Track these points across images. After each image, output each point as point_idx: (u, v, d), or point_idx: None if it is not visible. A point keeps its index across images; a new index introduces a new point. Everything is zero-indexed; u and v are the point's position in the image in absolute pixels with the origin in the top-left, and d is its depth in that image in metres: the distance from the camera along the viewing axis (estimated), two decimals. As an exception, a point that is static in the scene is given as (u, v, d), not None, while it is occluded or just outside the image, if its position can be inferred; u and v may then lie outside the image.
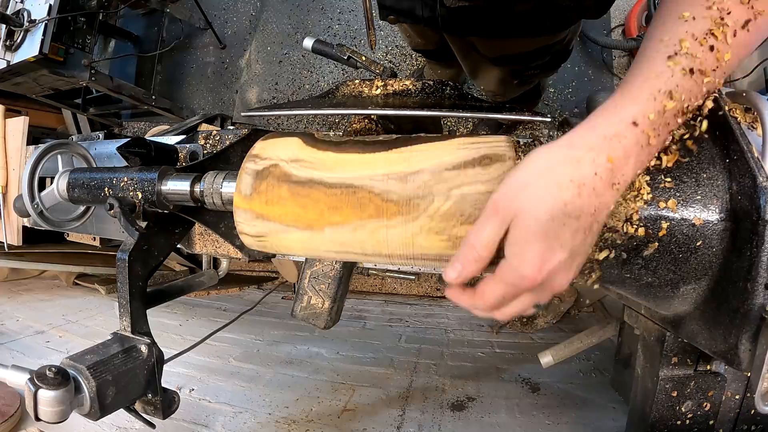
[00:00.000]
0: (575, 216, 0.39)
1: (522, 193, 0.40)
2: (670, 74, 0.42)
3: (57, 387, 0.52)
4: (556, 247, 0.40)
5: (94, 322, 1.66)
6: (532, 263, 0.40)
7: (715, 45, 0.42)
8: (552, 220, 0.39)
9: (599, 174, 0.40)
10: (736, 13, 0.42)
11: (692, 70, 0.42)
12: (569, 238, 0.40)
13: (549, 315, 1.72)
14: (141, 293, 0.68)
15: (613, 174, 0.41)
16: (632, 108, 0.41)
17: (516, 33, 0.88)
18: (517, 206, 0.40)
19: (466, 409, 1.15)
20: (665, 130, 0.43)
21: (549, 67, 1.10)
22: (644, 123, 0.41)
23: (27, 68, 1.75)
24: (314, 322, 0.81)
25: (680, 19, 0.43)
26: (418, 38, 1.33)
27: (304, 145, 0.55)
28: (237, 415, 1.11)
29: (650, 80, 0.42)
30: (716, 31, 0.42)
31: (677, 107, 0.42)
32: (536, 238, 0.39)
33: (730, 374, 0.69)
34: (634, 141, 0.41)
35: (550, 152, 0.42)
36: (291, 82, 2.27)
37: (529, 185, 0.40)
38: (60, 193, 0.77)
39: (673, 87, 0.41)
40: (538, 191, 0.40)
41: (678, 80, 0.42)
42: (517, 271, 0.41)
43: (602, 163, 0.40)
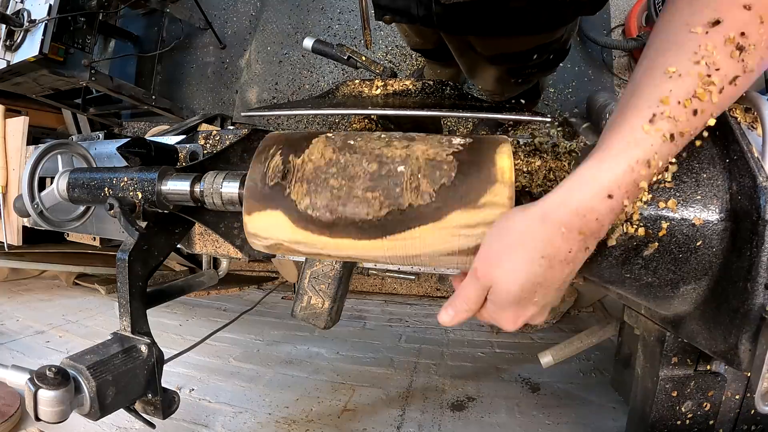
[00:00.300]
0: (546, 285, 0.44)
1: (497, 265, 0.45)
2: (649, 142, 0.40)
3: (57, 387, 0.52)
4: (529, 306, 0.46)
5: (94, 322, 1.67)
6: (507, 321, 0.47)
7: (699, 107, 0.40)
8: (523, 291, 0.44)
9: (571, 247, 0.42)
10: (725, 68, 0.40)
11: (672, 136, 0.40)
12: (541, 298, 0.45)
13: (549, 315, 1.72)
14: (141, 293, 0.68)
15: (586, 242, 0.42)
16: (608, 177, 0.41)
17: (512, 31, 0.88)
18: (492, 277, 0.45)
19: (466, 409, 1.15)
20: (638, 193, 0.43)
21: (547, 67, 1.10)
22: (619, 194, 0.41)
23: (27, 68, 1.75)
24: (314, 322, 0.81)
25: (665, 74, 0.41)
26: (417, 37, 1.33)
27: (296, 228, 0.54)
28: (237, 415, 1.11)
29: (629, 150, 0.40)
30: (702, 93, 0.40)
31: (653, 173, 0.41)
32: (509, 305, 0.45)
33: (730, 374, 0.69)
34: (607, 210, 0.41)
35: (523, 224, 0.43)
36: (291, 82, 2.27)
37: (502, 258, 0.44)
38: (60, 193, 0.77)
39: (651, 156, 0.40)
40: (509, 266, 0.44)
41: (657, 148, 0.40)
42: (497, 321, 0.48)
43: (574, 237, 0.41)
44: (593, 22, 1.99)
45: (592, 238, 0.42)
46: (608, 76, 1.98)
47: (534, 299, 0.45)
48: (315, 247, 0.55)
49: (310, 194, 0.53)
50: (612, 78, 1.97)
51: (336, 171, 0.53)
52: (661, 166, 0.41)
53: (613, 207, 0.41)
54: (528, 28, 0.87)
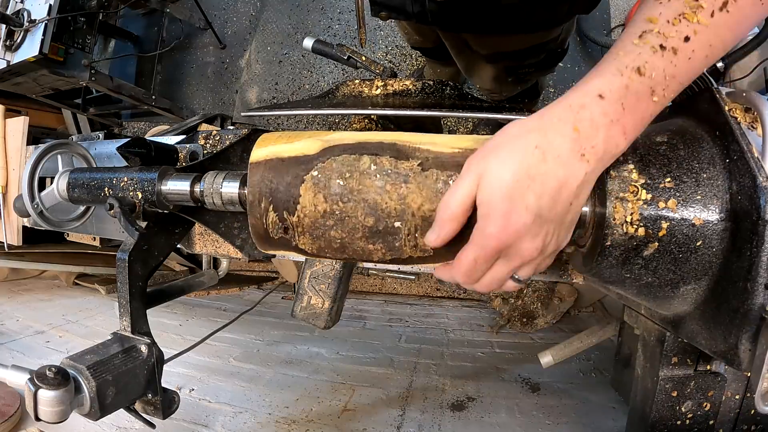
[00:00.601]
0: (540, 181, 0.41)
1: (490, 155, 0.43)
2: (638, 52, 0.42)
3: (57, 387, 0.52)
4: (521, 208, 0.42)
5: (94, 322, 1.67)
6: (495, 221, 0.42)
7: (689, 27, 0.42)
8: (516, 181, 0.41)
9: (564, 142, 0.41)
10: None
11: (663, 47, 0.42)
12: (534, 201, 0.41)
13: (549, 315, 1.73)
14: (141, 293, 0.68)
15: (580, 144, 0.41)
16: (598, 81, 0.42)
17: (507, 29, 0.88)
18: (484, 166, 0.43)
19: (466, 409, 1.15)
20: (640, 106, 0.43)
21: (544, 66, 1.10)
22: (611, 96, 0.41)
23: (27, 68, 1.75)
24: (314, 322, 0.81)
25: (656, 1, 0.44)
26: (416, 35, 1.33)
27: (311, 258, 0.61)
28: (237, 415, 1.11)
29: (618, 58, 0.43)
30: (690, 14, 0.42)
31: (648, 84, 0.42)
32: (500, 198, 0.42)
33: (730, 374, 0.69)
34: (600, 112, 0.41)
35: (522, 122, 0.44)
36: (291, 82, 2.27)
37: (498, 149, 0.43)
38: (60, 193, 0.77)
39: (641, 63, 0.42)
40: (504, 154, 0.43)
41: (647, 57, 0.42)
42: (484, 230, 0.43)
43: (568, 133, 0.41)
44: (593, 22, 1.99)
45: (586, 142, 0.41)
46: (608, 76, 1.98)
47: (527, 200, 0.41)
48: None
49: (316, 241, 0.54)
50: (612, 78, 1.97)
51: (334, 223, 0.52)
52: (655, 77, 0.42)
53: (606, 110, 0.41)
54: (523, 27, 0.87)
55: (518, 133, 0.43)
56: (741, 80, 1.54)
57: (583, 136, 0.41)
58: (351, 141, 0.54)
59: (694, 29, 0.42)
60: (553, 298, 1.73)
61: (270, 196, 0.54)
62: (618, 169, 0.51)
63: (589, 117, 0.41)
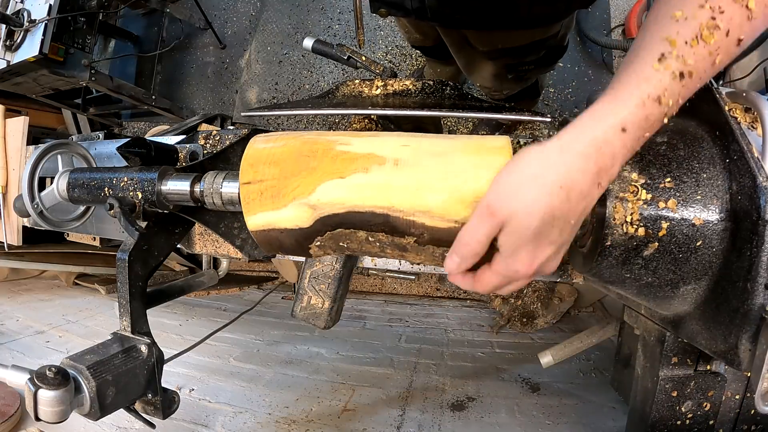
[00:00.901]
0: (563, 218, 0.43)
1: (514, 197, 0.43)
2: (658, 78, 0.42)
3: (57, 387, 0.52)
4: (545, 245, 0.44)
5: (94, 322, 1.67)
6: (523, 261, 0.44)
7: (705, 47, 0.42)
8: (543, 224, 0.42)
9: (586, 178, 0.42)
10: (729, 12, 0.42)
11: (682, 74, 0.42)
12: (557, 236, 0.44)
13: (549, 315, 1.73)
14: (141, 293, 0.68)
15: (600, 176, 0.43)
16: (622, 114, 0.42)
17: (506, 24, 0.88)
18: (509, 210, 0.43)
19: (466, 409, 1.15)
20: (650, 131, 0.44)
21: (544, 63, 1.10)
22: (632, 128, 0.42)
23: (27, 68, 1.75)
24: (314, 322, 0.81)
25: (672, 18, 0.43)
26: (416, 33, 1.33)
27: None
28: (237, 415, 1.11)
29: (640, 85, 0.42)
30: (707, 35, 0.42)
31: (664, 111, 0.43)
32: (528, 240, 0.43)
33: (730, 374, 0.69)
34: (621, 145, 0.42)
35: (541, 156, 0.43)
36: (291, 82, 2.27)
37: (521, 190, 0.43)
38: (60, 193, 0.77)
39: (662, 92, 0.42)
40: (529, 196, 0.42)
41: (667, 84, 0.42)
42: (511, 267, 0.45)
43: (590, 169, 0.42)
44: (593, 22, 1.99)
45: (605, 174, 0.43)
46: (608, 76, 1.98)
47: (551, 236, 0.43)
48: None
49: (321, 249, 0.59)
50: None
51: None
52: (671, 104, 0.42)
53: (626, 143, 0.42)
54: (522, 22, 0.87)
55: (539, 171, 0.43)
56: (741, 80, 1.54)
57: (603, 169, 0.42)
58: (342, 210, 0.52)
59: (709, 51, 0.42)
60: (553, 298, 1.73)
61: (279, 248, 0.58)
62: (618, 169, 0.51)
63: (611, 152, 0.42)
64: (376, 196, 0.50)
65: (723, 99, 0.53)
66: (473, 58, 1.10)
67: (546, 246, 0.44)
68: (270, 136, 0.59)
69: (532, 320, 1.72)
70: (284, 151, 0.55)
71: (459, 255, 0.47)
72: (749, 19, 0.42)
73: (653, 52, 0.43)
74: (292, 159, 0.54)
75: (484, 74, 1.16)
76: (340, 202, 0.51)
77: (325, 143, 0.54)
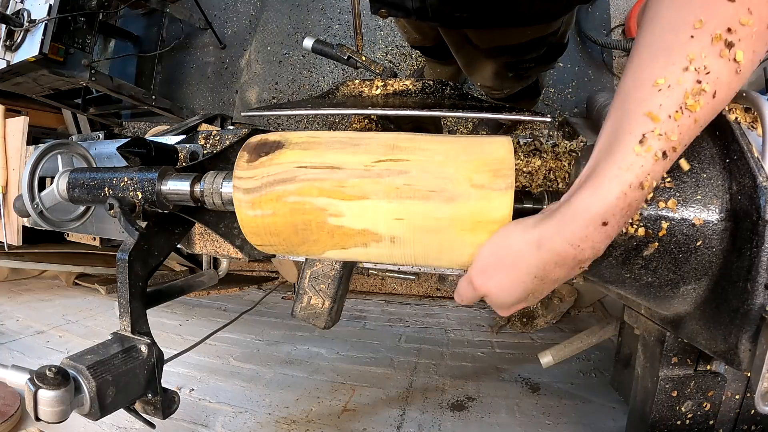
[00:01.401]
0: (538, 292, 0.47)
1: (491, 279, 0.48)
2: (640, 164, 0.39)
3: (57, 387, 0.52)
4: (522, 301, 0.49)
5: (94, 322, 1.67)
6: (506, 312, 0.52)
7: (691, 117, 0.39)
8: (516, 300, 0.48)
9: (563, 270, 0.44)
10: (716, 70, 0.38)
11: (665, 153, 0.39)
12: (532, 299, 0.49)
13: (549, 315, 1.73)
14: (141, 293, 0.68)
15: (581, 264, 0.43)
16: (601, 209, 0.40)
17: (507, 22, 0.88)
18: (487, 289, 0.49)
19: (466, 409, 1.15)
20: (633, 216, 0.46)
21: (544, 61, 1.10)
22: (613, 220, 0.40)
23: (27, 68, 1.75)
24: (314, 322, 0.81)
25: (654, 87, 0.39)
26: (416, 34, 1.33)
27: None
28: (237, 415, 1.11)
29: (621, 175, 0.39)
30: (692, 104, 0.38)
31: (646, 193, 0.41)
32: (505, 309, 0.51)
33: (730, 374, 0.69)
34: (602, 238, 0.41)
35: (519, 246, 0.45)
36: (291, 82, 2.27)
37: (498, 274, 0.48)
38: (60, 193, 0.77)
39: (644, 178, 0.39)
40: (505, 282, 0.47)
41: (649, 168, 0.39)
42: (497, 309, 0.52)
43: (567, 263, 0.43)
44: (593, 22, 1.99)
45: (587, 261, 0.43)
46: (608, 76, 1.98)
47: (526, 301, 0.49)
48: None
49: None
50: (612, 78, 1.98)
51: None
52: (654, 185, 0.41)
53: (609, 233, 0.41)
54: (522, 19, 0.87)
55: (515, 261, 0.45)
56: (741, 80, 1.53)
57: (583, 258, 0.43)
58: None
59: (695, 119, 0.39)
60: (553, 298, 1.73)
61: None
62: (618, 169, 0.51)
63: (590, 246, 0.42)
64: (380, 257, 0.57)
65: (723, 99, 0.53)
66: (473, 56, 1.10)
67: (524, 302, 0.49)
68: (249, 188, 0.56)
69: (532, 320, 1.72)
70: (278, 223, 0.55)
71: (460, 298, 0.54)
72: (737, 72, 0.39)
73: (634, 134, 0.39)
74: (291, 232, 0.56)
75: (484, 73, 1.16)
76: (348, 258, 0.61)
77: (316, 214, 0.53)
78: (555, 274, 0.44)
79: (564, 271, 0.44)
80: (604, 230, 0.41)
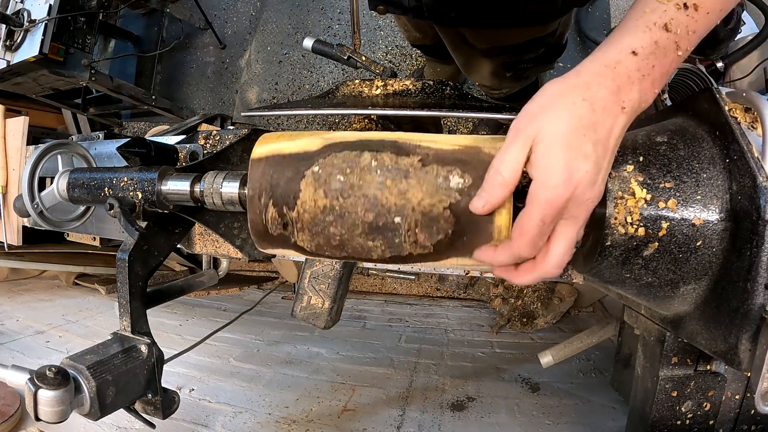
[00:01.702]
0: (592, 128, 0.43)
1: (540, 115, 0.44)
2: (663, 9, 0.44)
3: (57, 387, 0.52)
4: (580, 156, 0.42)
5: (94, 322, 1.67)
6: (560, 172, 0.42)
7: None
8: (572, 131, 0.42)
9: (607, 94, 0.43)
10: None
11: (686, 5, 0.44)
12: (591, 149, 0.42)
13: (549, 315, 1.73)
14: (141, 293, 0.68)
15: (620, 96, 0.44)
16: (630, 39, 0.44)
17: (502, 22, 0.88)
18: (537, 126, 0.43)
19: (466, 409, 1.15)
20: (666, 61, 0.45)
21: (543, 61, 1.10)
22: (643, 52, 0.44)
23: (27, 68, 1.75)
24: (314, 322, 0.81)
25: None
26: (415, 32, 1.32)
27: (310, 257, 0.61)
28: (237, 415, 1.11)
29: (645, 15, 0.44)
30: None
31: (674, 39, 0.44)
32: (561, 149, 0.42)
33: (730, 374, 0.69)
34: (635, 68, 0.44)
35: (561, 81, 0.46)
36: (291, 82, 2.27)
37: (546, 107, 0.44)
38: (60, 193, 0.77)
39: (668, 20, 0.44)
40: (555, 110, 0.43)
41: (672, 14, 0.44)
42: (547, 184, 0.42)
43: (609, 86, 0.43)
44: (593, 22, 1.99)
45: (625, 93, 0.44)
46: (608, 76, 1.98)
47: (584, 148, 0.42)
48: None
49: (315, 238, 0.54)
50: (612, 78, 1.97)
51: (333, 219, 0.52)
52: (680, 33, 0.44)
53: (639, 66, 0.44)
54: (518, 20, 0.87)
55: (561, 91, 0.44)
56: (741, 80, 1.53)
57: (622, 88, 0.43)
58: (353, 139, 0.54)
59: None
60: (553, 298, 1.73)
61: (270, 191, 0.54)
62: (618, 168, 0.51)
63: (625, 72, 0.43)
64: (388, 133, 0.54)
65: (723, 99, 0.53)
66: (471, 56, 1.10)
67: (582, 159, 0.42)
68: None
69: (532, 320, 1.72)
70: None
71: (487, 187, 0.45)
72: None
73: None
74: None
75: (482, 72, 1.16)
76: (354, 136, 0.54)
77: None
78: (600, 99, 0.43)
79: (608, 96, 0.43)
80: (635, 60, 0.43)
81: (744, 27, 1.47)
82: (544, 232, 0.44)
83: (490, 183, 0.45)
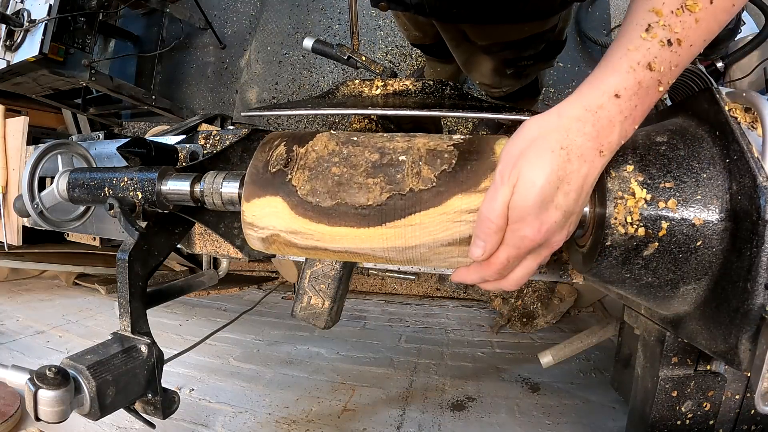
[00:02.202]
0: (566, 180, 0.44)
1: (520, 159, 0.45)
2: (647, 47, 0.43)
3: (57, 387, 0.52)
4: (552, 208, 0.45)
5: (94, 322, 1.67)
6: (531, 223, 0.45)
7: (691, 15, 0.43)
8: (547, 183, 0.44)
9: (585, 141, 0.44)
10: None
11: (670, 41, 0.43)
12: (563, 200, 0.45)
13: (549, 315, 1.72)
14: (141, 293, 0.68)
15: (599, 140, 0.44)
16: (613, 80, 0.44)
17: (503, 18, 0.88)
18: (516, 173, 0.45)
19: (466, 409, 1.15)
20: (648, 99, 0.45)
21: (543, 58, 1.10)
22: (625, 95, 0.43)
23: (27, 68, 1.75)
24: (314, 322, 0.81)
25: None
26: (415, 31, 1.33)
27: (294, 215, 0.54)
28: (237, 415, 1.11)
29: (629, 53, 0.44)
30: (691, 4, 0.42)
31: (657, 77, 0.44)
32: (534, 202, 0.44)
33: (730, 374, 0.69)
34: (617, 111, 0.43)
35: (541, 122, 0.46)
36: (291, 82, 2.27)
37: (525, 153, 0.45)
38: (60, 193, 0.77)
39: (651, 59, 0.43)
40: (533, 158, 0.44)
41: (656, 52, 0.43)
42: (519, 232, 0.46)
43: (588, 132, 0.44)
44: (593, 22, 1.99)
45: (605, 139, 0.44)
46: (608, 76, 1.98)
47: (556, 200, 0.44)
48: (312, 238, 0.54)
49: (311, 180, 0.54)
50: (612, 78, 1.97)
51: (338, 160, 0.54)
52: (663, 71, 0.43)
53: (621, 109, 0.43)
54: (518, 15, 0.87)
55: (540, 134, 0.45)
56: (741, 80, 1.53)
57: (602, 134, 0.44)
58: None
59: (696, 18, 0.43)
60: (553, 298, 1.73)
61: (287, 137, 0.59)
62: (618, 169, 0.51)
63: (606, 116, 0.43)
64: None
65: (723, 99, 0.53)
66: (471, 53, 1.10)
67: (552, 210, 0.44)
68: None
69: (532, 320, 1.72)
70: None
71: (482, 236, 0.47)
72: None
73: (640, 24, 0.44)
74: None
75: (483, 70, 1.16)
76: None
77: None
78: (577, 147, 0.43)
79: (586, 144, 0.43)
80: (618, 103, 0.43)
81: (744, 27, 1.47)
82: (510, 267, 0.49)
83: (484, 231, 0.47)
